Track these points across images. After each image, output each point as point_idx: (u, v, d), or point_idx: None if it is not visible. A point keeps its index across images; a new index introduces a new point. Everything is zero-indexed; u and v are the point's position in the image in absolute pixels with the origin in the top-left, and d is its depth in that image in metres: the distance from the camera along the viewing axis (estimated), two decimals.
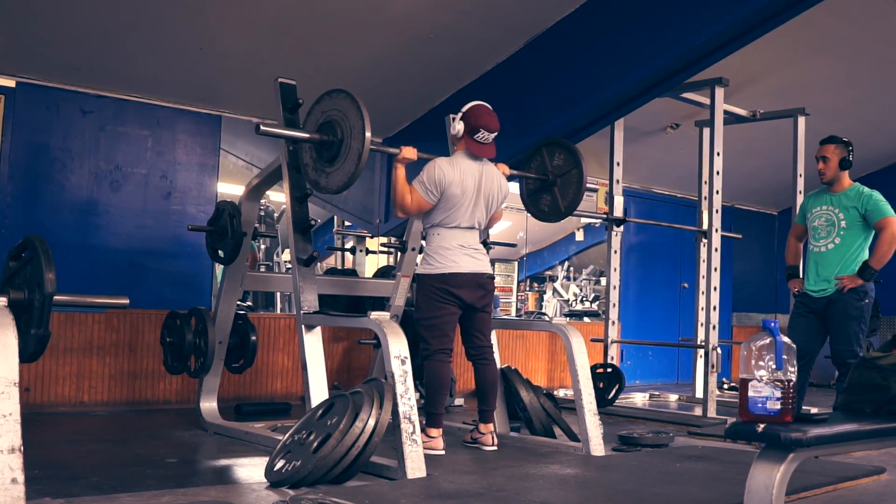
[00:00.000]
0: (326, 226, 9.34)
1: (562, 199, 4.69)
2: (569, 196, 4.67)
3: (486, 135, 4.19)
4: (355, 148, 3.71)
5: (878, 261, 4.52)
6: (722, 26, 4.59)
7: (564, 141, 4.74)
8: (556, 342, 7.67)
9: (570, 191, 4.66)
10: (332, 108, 3.86)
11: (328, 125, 3.84)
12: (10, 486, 2.33)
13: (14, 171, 5.21)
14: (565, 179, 4.66)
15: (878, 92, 7.18)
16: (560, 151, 4.69)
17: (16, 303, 2.76)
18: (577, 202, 4.65)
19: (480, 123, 4.16)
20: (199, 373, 4.75)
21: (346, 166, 3.77)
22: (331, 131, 3.81)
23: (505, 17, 5.19)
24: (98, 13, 4.76)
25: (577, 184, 4.61)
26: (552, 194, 4.73)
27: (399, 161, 4.16)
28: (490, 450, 4.25)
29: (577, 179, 4.60)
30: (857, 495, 3.48)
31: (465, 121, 4.20)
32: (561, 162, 4.67)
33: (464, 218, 4.19)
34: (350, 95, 3.79)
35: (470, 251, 4.21)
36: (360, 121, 3.68)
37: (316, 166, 3.94)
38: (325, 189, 3.91)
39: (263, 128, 3.82)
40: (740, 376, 2.48)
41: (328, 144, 3.82)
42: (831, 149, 4.69)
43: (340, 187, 3.82)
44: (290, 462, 3.28)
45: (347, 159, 3.75)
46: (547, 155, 4.74)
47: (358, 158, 3.69)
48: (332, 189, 3.87)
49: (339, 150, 3.79)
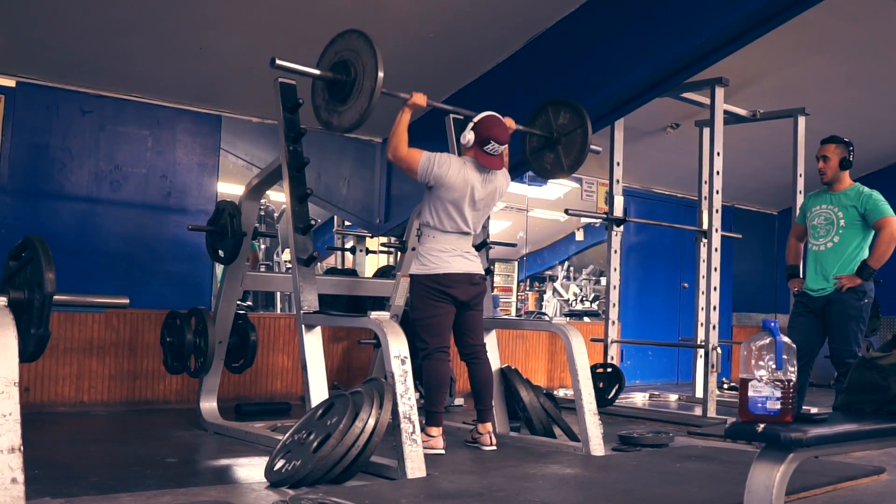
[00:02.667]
0: (326, 226, 9.33)
1: (565, 157, 4.66)
2: (572, 154, 4.63)
3: (496, 146, 4.18)
4: (367, 87, 3.70)
5: (876, 260, 4.52)
6: (722, 26, 4.60)
7: (570, 100, 4.69)
8: (556, 342, 7.67)
9: (574, 149, 4.62)
10: (345, 48, 3.86)
11: (341, 65, 3.84)
12: (10, 486, 2.33)
13: (14, 171, 5.21)
14: (570, 138, 4.63)
15: (878, 92, 7.18)
16: (566, 110, 4.66)
17: (16, 303, 2.76)
18: (581, 161, 4.61)
19: (491, 135, 4.16)
20: (199, 373, 4.75)
21: (358, 104, 3.76)
22: (344, 70, 3.82)
23: (505, 17, 5.19)
24: (98, 13, 4.76)
25: (581, 143, 4.58)
26: (556, 152, 4.70)
27: (408, 106, 4.12)
28: (489, 449, 4.25)
29: (582, 138, 4.57)
30: (857, 495, 3.48)
31: (475, 131, 4.19)
32: (566, 121, 4.64)
33: (459, 224, 4.19)
34: (363, 35, 3.79)
35: (463, 254, 4.22)
36: (373, 59, 3.69)
37: (328, 106, 3.93)
38: (336, 128, 3.90)
39: (279, 61, 3.78)
40: (740, 376, 2.48)
41: (341, 83, 3.82)
42: (832, 148, 4.69)
43: (352, 125, 3.81)
44: (290, 462, 3.28)
45: (360, 97, 3.75)
46: (552, 113, 4.71)
47: (370, 96, 3.68)
48: (344, 127, 3.85)
49: (351, 88, 3.79)
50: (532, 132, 4.73)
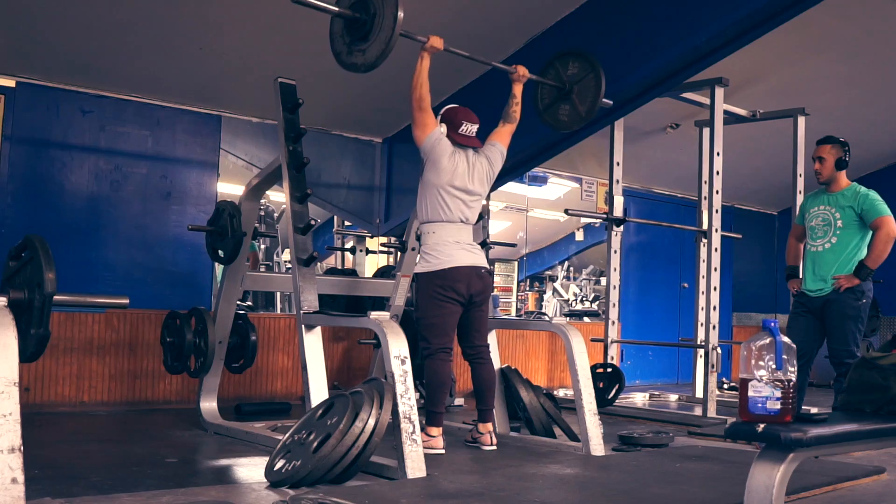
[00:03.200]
0: (326, 226, 9.34)
1: (581, 105, 4.58)
2: (587, 101, 4.56)
3: (469, 126, 4.29)
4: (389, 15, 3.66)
5: (874, 260, 4.52)
6: (722, 26, 4.59)
7: (577, 49, 4.65)
8: (556, 342, 7.67)
9: (589, 96, 4.55)
10: None
11: (359, 3, 3.81)
12: (10, 486, 2.33)
13: (14, 171, 5.21)
14: (582, 86, 4.57)
15: (878, 92, 7.18)
16: (574, 60, 4.61)
17: (16, 303, 2.76)
18: (596, 106, 4.53)
19: (460, 118, 4.29)
20: (199, 373, 4.75)
21: (382, 35, 3.70)
22: (362, 8, 3.79)
23: (505, 17, 5.19)
24: (98, 13, 4.76)
25: (595, 88, 4.51)
26: (570, 102, 4.63)
27: (426, 49, 4.10)
28: (489, 449, 4.25)
29: (595, 83, 4.51)
30: (857, 495, 3.48)
31: (446, 122, 4.29)
32: (576, 70, 4.59)
33: (454, 212, 4.20)
34: None
35: (466, 246, 4.23)
36: None
37: (350, 49, 3.87)
38: (363, 66, 3.82)
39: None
40: (740, 376, 2.48)
41: (360, 21, 3.78)
42: (827, 149, 4.69)
43: (379, 57, 3.73)
44: (290, 462, 3.28)
45: (383, 29, 3.70)
46: (560, 67, 4.66)
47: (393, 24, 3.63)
48: (372, 61, 3.77)
49: (371, 24, 3.75)
50: (545, 82, 4.66)
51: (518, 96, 4.47)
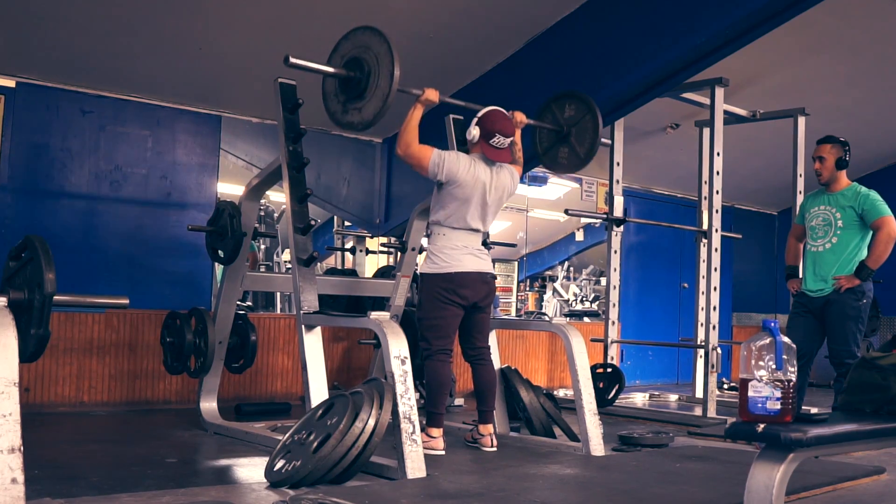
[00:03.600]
0: (326, 226, 9.34)
1: (579, 147, 4.63)
2: (586, 143, 4.60)
3: (502, 139, 4.18)
4: (385, 73, 3.68)
5: (874, 260, 4.51)
6: (722, 26, 4.59)
7: (573, 91, 4.68)
8: (556, 342, 7.67)
9: (587, 138, 4.59)
10: (354, 46, 3.86)
11: (353, 62, 3.84)
12: (10, 486, 2.33)
13: (14, 171, 5.21)
14: (580, 127, 4.61)
15: (878, 92, 7.18)
16: (570, 102, 4.66)
17: (16, 303, 2.76)
18: (595, 148, 4.57)
19: (496, 128, 4.16)
20: (199, 373, 4.75)
21: (379, 92, 3.73)
22: (357, 67, 3.81)
23: (505, 17, 5.19)
24: (98, 14, 4.76)
25: (592, 129, 4.55)
26: (568, 145, 4.68)
27: (421, 102, 4.09)
28: (489, 450, 4.25)
29: (593, 124, 4.55)
30: (857, 495, 3.48)
31: (480, 126, 4.19)
32: (573, 112, 4.63)
33: (470, 220, 4.19)
34: (374, 30, 3.79)
35: (475, 251, 4.22)
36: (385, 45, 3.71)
37: (345, 108, 3.91)
38: (360, 125, 3.86)
39: (293, 59, 3.76)
40: (740, 376, 2.48)
41: (355, 80, 3.81)
42: (827, 149, 4.68)
43: (376, 115, 3.77)
44: (290, 462, 3.28)
45: (379, 86, 3.72)
46: (557, 109, 4.71)
47: (390, 80, 3.66)
48: (369, 119, 3.81)
49: (367, 83, 3.78)
50: (542, 126, 4.70)
51: (518, 142, 4.45)
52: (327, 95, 4.04)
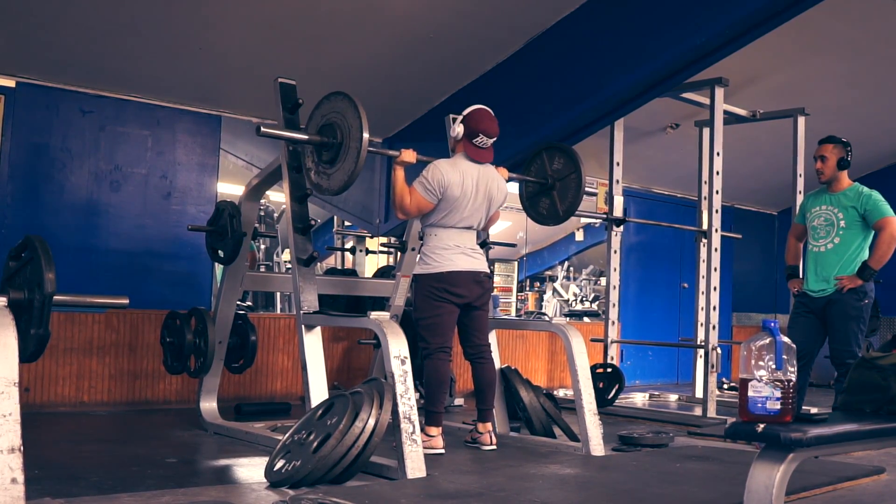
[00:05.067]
0: (326, 226, 9.34)
1: (560, 203, 4.72)
2: (567, 200, 4.70)
3: (485, 139, 4.19)
4: (353, 148, 3.76)
5: (877, 261, 4.51)
6: (722, 26, 4.59)
7: (564, 145, 4.77)
8: (556, 342, 7.67)
9: (569, 195, 4.69)
10: (331, 110, 3.90)
11: (328, 127, 3.89)
12: (10, 486, 2.33)
13: (14, 171, 5.21)
14: (564, 183, 4.69)
15: (879, 92, 7.18)
16: (560, 156, 4.72)
17: (16, 303, 2.76)
18: (576, 206, 4.69)
19: (480, 128, 4.17)
20: (199, 373, 4.75)
21: (345, 166, 3.82)
22: (331, 133, 3.86)
23: (505, 17, 5.19)
24: (98, 13, 4.76)
25: (575, 188, 4.65)
26: (551, 198, 4.76)
27: (398, 163, 4.19)
28: (489, 449, 4.25)
29: (576, 184, 4.63)
30: (857, 495, 3.48)
31: (465, 124, 4.20)
32: (560, 166, 4.70)
33: (462, 219, 4.19)
34: (348, 97, 3.82)
35: (467, 251, 4.22)
36: (358, 120, 3.74)
37: (318, 169, 3.99)
38: (327, 191, 3.97)
39: (264, 129, 3.86)
40: (740, 376, 2.48)
41: (328, 146, 3.88)
42: (829, 148, 4.68)
43: (341, 187, 3.88)
44: (290, 462, 3.28)
45: (347, 159, 3.81)
46: (547, 159, 4.77)
47: (356, 158, 3.74)
48: (334, 189, 3.92)
49: (338, 151, 3.85)
50: (527, 179, 4.80)
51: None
52: (305, 153, 4.10)
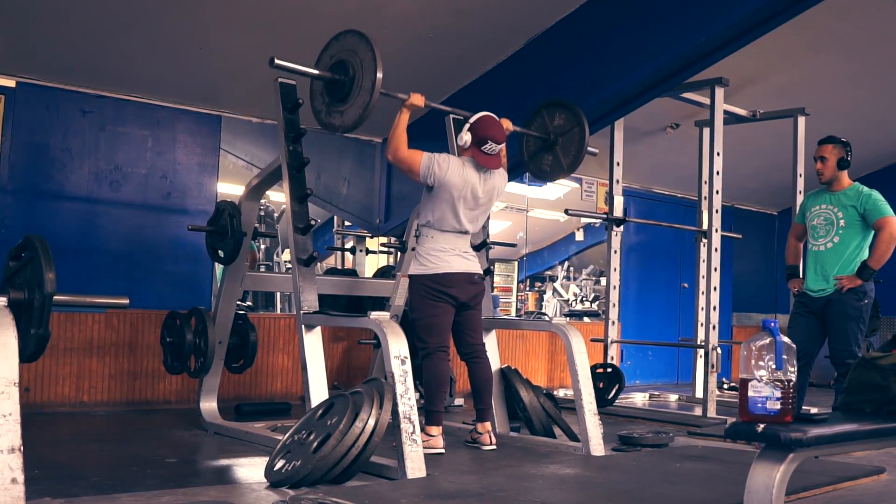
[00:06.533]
0: (326, 226, 9.33)
1: (564, 157, 4.68)
2: (571, 154, 4.65)
3: (493, 146, 4.20)
4: (367, 80, 3.72)
5: (876, 260, 4.51)
6: (722, 26, 4.59)
7: (565, 100, 4.71)
8: (556, 342, 7.67)
9: (572, 149, 4.64)
10: (341, 49, 3.89)
11: (339, 65, 3.87)
12: (10, 486, 2.33)
13: (14, 171, 5.21)
14: (567, 138, 4.65)
15: (879, 92, 7.18)
16: (561, 111, 4.69)
17: (16, 303, 2.76)
18: (580, 160, 4.62)
19: (488, 135, 4.18)
20: (199, 373, 4.75)
21: (359, 100, 3.78)
22: (342, 70, 3.84)
23: (505, 17, 5.19)
24: (98, 13, 4.76)
25: (578, 142, 4.60)
26: (553, 153, 4.72)
27: (406, 106, 4.13)
28: (489, 449, 4.25)
29: (579, 137, 4.59)
30: (857, 495, 3.48)
31: (472, 132, 4.21)
32: (562, 121, 4.67)
33: (459, 223, 4.20)
34: (360, 34, 3.82)
35: (462, 253, 4.24)
36: (370, 53, 3.73)
37: (329, 109, 3.95)
38: (339, 128, 3.91)
39: (277, 61, 3.80)
40: (740, 376, 2.48)
41: (340, 83, 3.85)
42: (829, 149, 4.68)
43: (355, 122, 3.82)
44: (290, 462, 3.28)
45: (360, 93, 3.76)
46: (547, 116, 4.74)
47: (371, 90, 3.70)
48: (348, 125, 3.86)
49: (350, 88, 3.81)
50: (529, 133, 4.76)
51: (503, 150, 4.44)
52: (314, 94, 4.08)
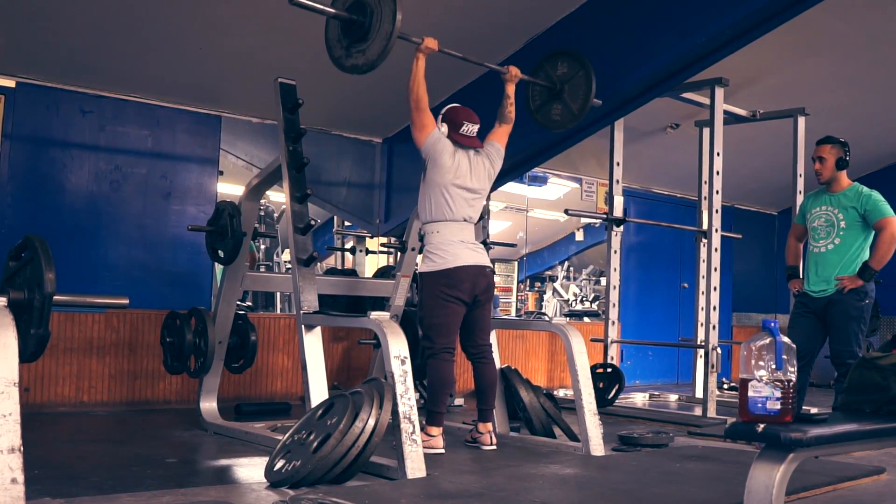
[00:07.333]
0: (326, 226, 9.33)
1: (573, 103, 4.59)
2: (580, 99, 4.56)
3: (470, 126, 4.30)
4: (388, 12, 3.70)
5: (877, 261, 4.51)
6: (722, 26, 4.59)
7: (565, 48, 4.66)
8: (556, 342, 7.67)
9: (581, 93, 4.56)
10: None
11: (356, 4, 3.83)
12: (10, 486, 2.34)
13: (14, 171, 5.21)
14: (573, 83, 4.58)
15: (878, 92, 7.18)
16: (562, 60, 4.63)
17: (16, 303, 2.76)
18: (588, 103, 4.53)
19: (461, 118, 4.29)
20: (199, 373, 4.75)
21: (381, 32, 3.72)
22: (359, 10, 3.81)
23: (505, 17, 5.19)
24: (98, 13, 4.76)
25: (586, 85, 4.52)
26: (562, 102, 4.64)
27: (421, 51, 4.12)
28: (489, 449, 4.25)
29: (586, 80, 4.51)
30: (857, 495, 3.48)
31: (447, 121, 4.29)
32: (565, 69, 4.60)
33: (458, 210, 4.21)
34: None
35: (471, 245, 4.24)
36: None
37: (349, 52, 3.88)
38: (364, 66, 3.83)
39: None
40: (740, 376, 2.48)
41: (358, 24, 3.81)
42: (827, 149, 4.68)
43: (380, 55, 3.75)
44: (290, 462, 3.28)
45: (382, 26, 3.73)
46: (549, 67, 4.68)
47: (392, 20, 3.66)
48: (372, 60, 3.78)
49: (370, 25, 3.77)
50: (535, 82, 4.67)
51: (511, 96, 4.48)
52: (330, 42, 3.98)
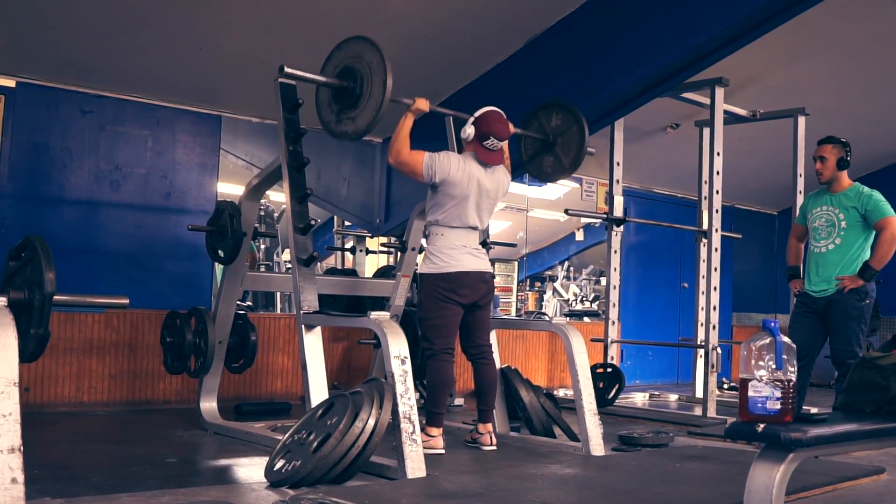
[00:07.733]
0: (326, 226, 9.33)
1: (564, 157, 4.64)
2: (571, 153, 4.61)
3: (496, 142, 4.20)
4: (378, 82, 3.72)
5: (878, 261, 4.51)
6: (722, 26, 4.59)
7: (560, 100, 4.69)
8: (556, 342, 7.67)
9: (573, 148, 4.61)
10: (346, 56, 3.89)
11: (346, 71, 3.87)
12: (10, 486, 2.34)
13: (14, 171, 5.21)
14: (566, 137, 4.62)
15: (878, 92, 7.18)
16: (557, 112, 4.67)
17: (16, 303, 2.76)
18: (580, 158, 4.58)
19: (491, 130, 4.18)
20: (199, 373, 4.75)
21: (371, 102, 3.77)
22: (350, 77, 3.85)
23: (505, 17, 5.19)
24: (98, 13, 4.76)
25: (578, 140, 4.57)
26: (553, 154, 4.69)
27: (411, 111, 4.13)
28: (489, 449, 4.25)
29: (579, 135, 4.56)
30: (857, 495, 3.48)
31: (476, 126, 4.21)
32: (559, 122, 4.64)
33: (467, 218, 4.20)
34: (366, 40, 3.83)
35: (473, 251, 4.23)
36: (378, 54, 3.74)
37: (339, 118, 3.94)
38: (353, 135, 3.89)
39: (288, 69, 3.82)
40: (740, 376, 2.48)
41: (349, 90, 3.85)
42: (828, 149, 4.68)
43: (369, 125, 3.81)
44: (290, 462, 3.28)
45: (372, 95, 3.76)
46: (543, 118, 4.72)
47: (382, 91, 3.70)
48: (362, 129, 3.84)
49: (360, 94, 3.81)
50: (529, 135, 4.73)
51: (506, 151, 4.43)
52: (321, 105, 4.07)
